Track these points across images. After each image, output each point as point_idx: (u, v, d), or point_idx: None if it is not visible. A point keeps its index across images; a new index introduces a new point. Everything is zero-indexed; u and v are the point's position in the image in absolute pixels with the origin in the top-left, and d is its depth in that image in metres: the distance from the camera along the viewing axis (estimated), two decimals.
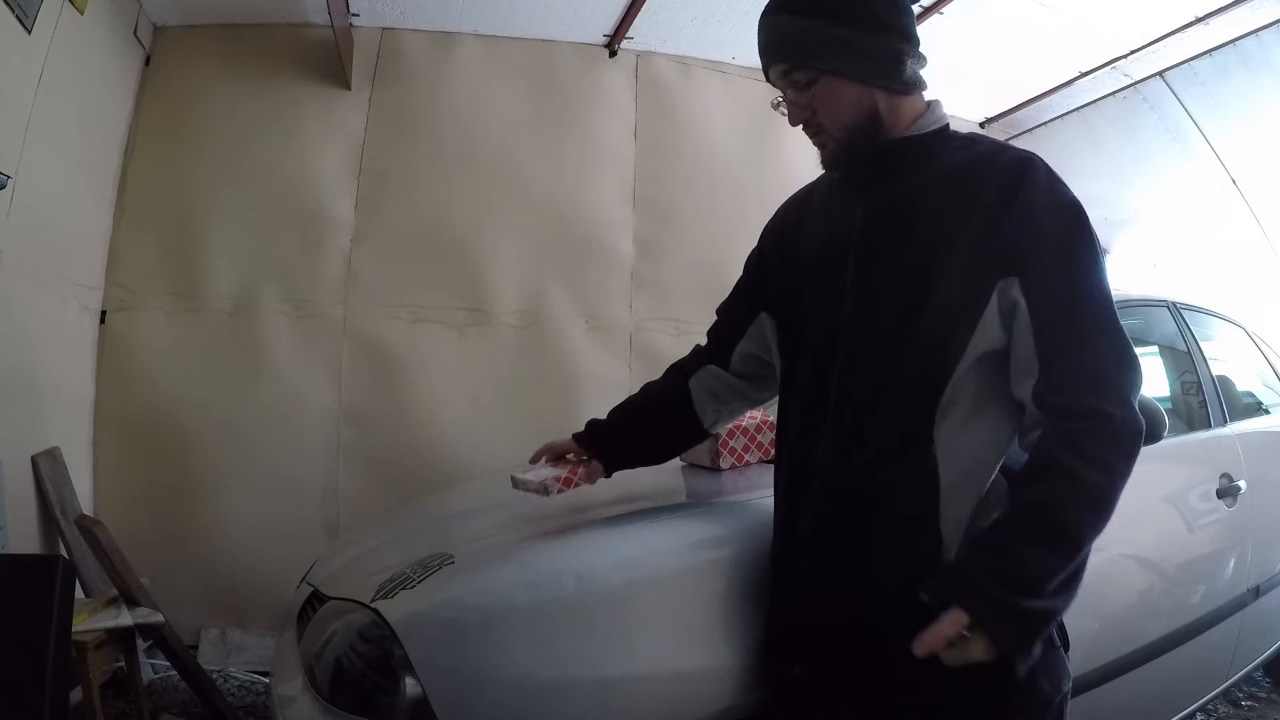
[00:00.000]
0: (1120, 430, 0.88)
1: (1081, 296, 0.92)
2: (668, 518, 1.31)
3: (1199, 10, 3.09)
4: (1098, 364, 0.90)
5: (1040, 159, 0.97)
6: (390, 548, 1.44)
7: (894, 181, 1.01)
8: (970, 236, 0.93)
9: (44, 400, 2.52)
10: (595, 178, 3.44)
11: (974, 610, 0.84)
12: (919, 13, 3.23)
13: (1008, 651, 0.84)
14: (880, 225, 1.00)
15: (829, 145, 1.02)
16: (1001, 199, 0.93)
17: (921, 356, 0.95)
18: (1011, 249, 0.91)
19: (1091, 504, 0.87)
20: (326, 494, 3.02)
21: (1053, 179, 0.95)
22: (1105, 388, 0.89)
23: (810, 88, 0.99)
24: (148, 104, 3.10)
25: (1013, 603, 0.84)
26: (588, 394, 3.26)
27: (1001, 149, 1.01)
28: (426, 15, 3.29)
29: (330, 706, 1.08)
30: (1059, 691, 0.95)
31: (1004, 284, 0.91)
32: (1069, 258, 0.92)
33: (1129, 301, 2.26)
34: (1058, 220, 0.93)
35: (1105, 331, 0.92)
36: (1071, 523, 0.86)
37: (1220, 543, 1.93)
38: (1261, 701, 2.61)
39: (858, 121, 0.99)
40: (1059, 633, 0.98)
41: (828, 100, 0.99)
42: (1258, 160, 3.69)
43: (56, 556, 2.04)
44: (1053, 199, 0.93)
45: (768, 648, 1.09)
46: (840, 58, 0.97)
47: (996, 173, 0.95)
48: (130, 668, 2.17)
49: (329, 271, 3.13)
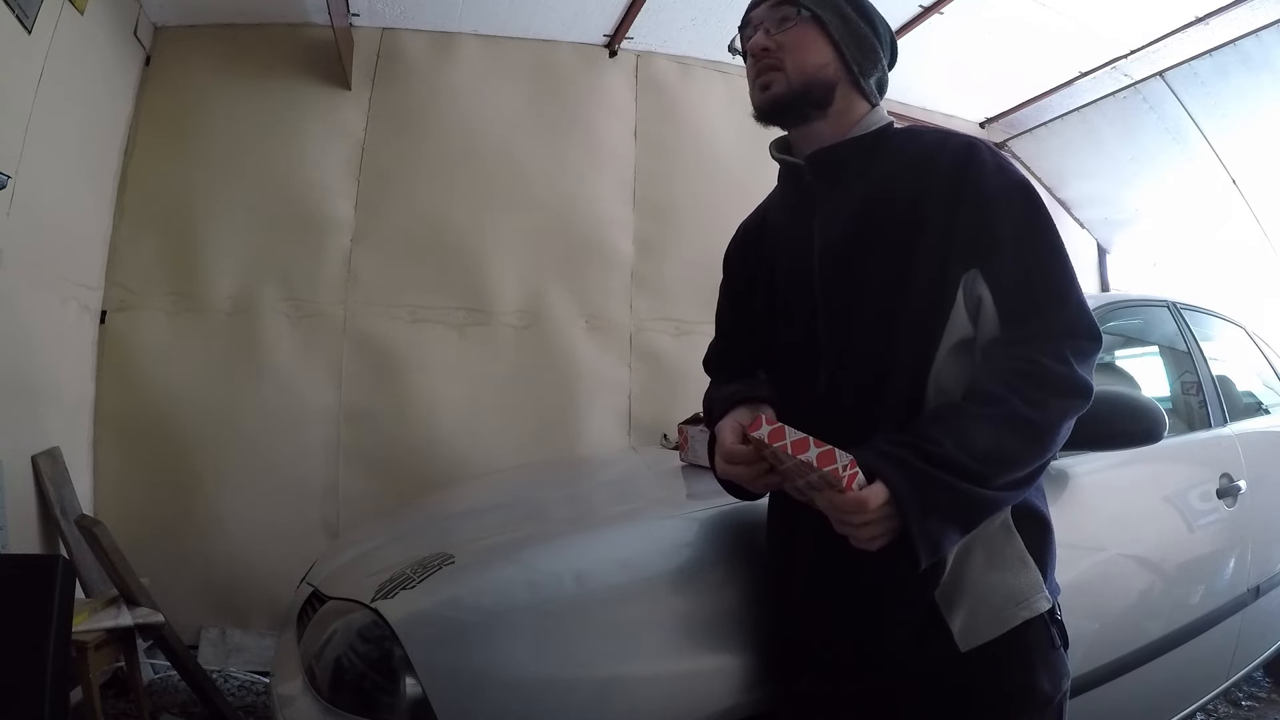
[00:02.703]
0: (1064, 383, 0.87)
1: (1041, 273, 0.92)
2: (668, 518, 1.31)
3: (1199, 10, 3.10)
4: (1057, 328, 0.90)
5: (984, 142, 0.99)
6: (390, 548, 1.44)
7: (845, 186, 1.02)
8: (928, 229, 0.94)
9: (44, 400, 2.52)
10: (595, 178, 3.44)
11: (889, 478, 0.81)
12: (919, 13, 3.23)
13: (906, 510, 0.80)
14: (839, 233, 1.00)
15: (777, 85, 1.02)
16: (953, 188, 0.94)
17: (902, 354, 0.95)
18: (969, 238, 0.93)
19: (1016, 430, 0.85)
20: (326, 494, 3.02)
21: (999, 160, 0.97)
22: (1059, 350, 0.88)
23: (788, 27, 1.01)
24: (148, 104, 3.11)
25: (921, 468, 0.82)
26: (588, 394, 3.27)
27: (946, 137, 1.02)
28: (426, 15, 3.29)
29: (330, 706, 1.08)
30: (1058, 690, 0.95)
31: (968, 277, 0.92)
32: (1026, 238, 0.93)
33: (1129, 301, 2.26)
34: (1011, 200, 0.94)
35: (1060, 300, 0.92)
36: (994, 440, 0.84)
37: (1220, 543, 1.93)
38: (1261, 701, 2.61)
39: (816, 79, 1.01)
40: (1059, 632, 0.97)
41: (801, 43, 1.01)
42: (1258, 160, 3.69)
43: (56, 556, 2.03)
44: (1002, 181, 0.95)
45: (775, 661, 1.08)
46: (834, 15, 1.02)
47: (944, 161, 0.96)
48: (130, 668, 2.17)
49: (329, 271, 3.13)
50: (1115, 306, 2.10)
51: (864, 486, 0.80)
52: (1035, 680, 0.93)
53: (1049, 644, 0.95)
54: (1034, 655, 0.94)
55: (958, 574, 0.94)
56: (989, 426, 0.84)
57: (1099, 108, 3.87)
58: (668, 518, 1.31)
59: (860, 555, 0.93)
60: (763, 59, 1.03)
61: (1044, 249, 0.93)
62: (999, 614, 0.93)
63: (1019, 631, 0.93)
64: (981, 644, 0.92)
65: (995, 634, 0.92)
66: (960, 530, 0.85)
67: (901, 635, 0.94)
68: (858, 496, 0.80)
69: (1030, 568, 0.95)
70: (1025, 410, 0.85)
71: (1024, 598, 0.93)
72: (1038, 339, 0.89)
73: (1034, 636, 0.94)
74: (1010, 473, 0.85)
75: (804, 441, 0.82)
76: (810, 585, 1.02)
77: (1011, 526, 0.96)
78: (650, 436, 3.22)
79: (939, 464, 0.82)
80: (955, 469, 0.82)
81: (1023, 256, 0.92)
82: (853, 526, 0.82)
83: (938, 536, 0.82)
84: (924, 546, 0.81)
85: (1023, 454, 0.85)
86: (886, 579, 0.94)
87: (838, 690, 0.99)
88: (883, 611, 0.95)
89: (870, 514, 0.80)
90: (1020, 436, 0.85)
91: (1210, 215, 4.06)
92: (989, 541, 0.95)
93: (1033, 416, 0.85)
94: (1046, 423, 0.86)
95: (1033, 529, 0.97)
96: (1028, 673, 0.93)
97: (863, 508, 0.80)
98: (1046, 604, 0.95)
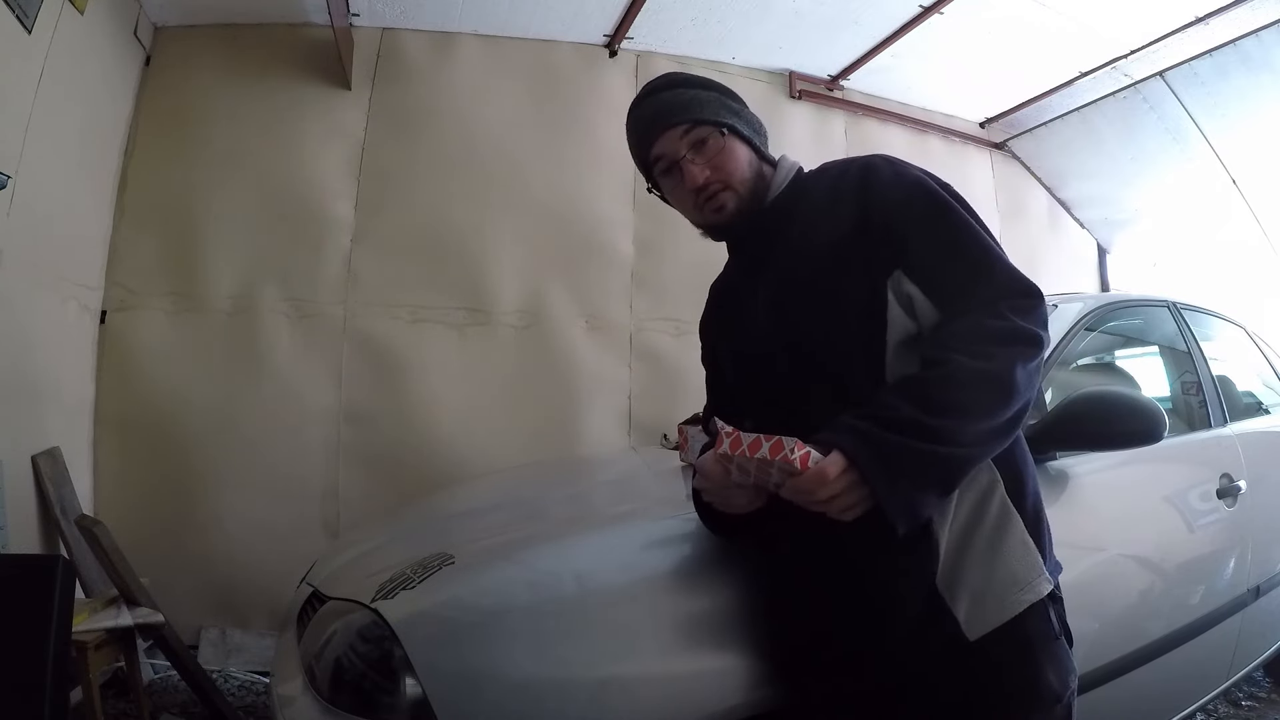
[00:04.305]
0: (1006, 334, 0.90)
1: (956, 252, 0.97)
2: (668, 518, 1.31)
3: (1199, 10, 3.10)
4: (990, 294, 0.94)
5: (883, 156, 1.07)
6: (390, 548, 1.44)
7: (780, 237, 1.09)
8: (850, 245, 1.00)
9: (44, 400, 2.52)
10: (595, 178, 3.44)
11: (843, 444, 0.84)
12: (919, 13, 3.24)
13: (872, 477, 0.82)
14: (781, 282, 1.06)
15: (730, 204, 1.08)
16: (859, 202, 1.02)
17: (855, 362, 0.98)
18: (883, 244, 0.98)
19: (968, 382, 0.87)
20: (326, 494, 3.02)
21: (895, 165, 1.05)
22: (996, 310, 0.92)
23: (709, 146, 1.07)
24: (148, 104, 3.10)
25: (878, 434, 0.84)
26: (588, 394, 3.27)
27: (849, 163, 1.10)
28: (426, 15, 3.29)
29: (330, 707, 1.08)
30: (1066, 688, 0.95)
31: (893, 279, 0.98)
32: (931, 226, 0.98)
33: (1129, 301, 2.26)
34: (910, 197, 1.00)
35: (986, 270, 0.96)
36: (947, 394, 0.86)
37: (1220, 543, 1.93)
38: (1261, 701, 2.61)
39: (755, 180, 1.10)
40: (1058, 615, 0.98)
41: (730, 157, 1.08)
42: (1258, 160, 3.69)
43: (56, 556, 2.04)
44: (899, 180, 1.02)
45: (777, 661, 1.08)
46: (739, 122, 1.11)
47: (849, 181, 1.05)
48: (130, 668, 2.17)
49: (329, 271, 3.13)
50: (1115, 306, 2.10)
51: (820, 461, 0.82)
52: (1041, 676, 0.93)
53: (1051, 634, 0.95)
54: (1038, 649, 0.94)
55: (959, 559, 0.94)
56: (940, 384, 0.87)
57: (1099, 108, 3.86)
58: (668, 518, 1.30)
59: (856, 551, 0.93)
60: (708, 187, 1.08)
61: (952, 231, 0.98)
62: (1003, 600, 0.93)
63: (1021, 621, 0.93)
64: (987, 632, 0.92)
65: (1001, 620, 0.93)
66: (938, 492, 0.87)
67: (904, 629, 0.94)
68: (816, 470, 0.82)
69: (1031, 550, 0.96)
70: (971, 363, 0.88)
71: (1027, 582, 0.95)
72: (975, 309, 0.93)
73: (1036, 626, 0.95)
74: (973, 424, 0.86)
75: (756, 441, 0.85)
76: (808, 584, 1.02)
77: (1010, 506, 0.97)
78: (650, 436, 3.22)
79: (896, 427, 0.84)
80: (913, 429, 0.84)
81: (934, 244, 0.97)
82: (822, 503, 0.83)
83: (911, 499, 0.84)
84: (898, 510, 0.83)
85: (980, 404, 0.87)
86: (885, 570, 0.94)
87: (840, 690, 0.99)
88: (884, 605, 0.95)
89: (832, 484, 0.82)
90: (974, 388, 0.87)
91: (1210, 215, 4.06)
92: (989, 524, 0.95)
93: (981, 367, 0.87)
94: (997, 371, 0.88)
95: (1029, 508, 0.98)
96: (1033, 668, 0.93)
97: (823, 479, 0.82)
98: (1048, 585, 0.96)
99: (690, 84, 1.12)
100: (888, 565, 0.94)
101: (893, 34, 3.42)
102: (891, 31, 3.41)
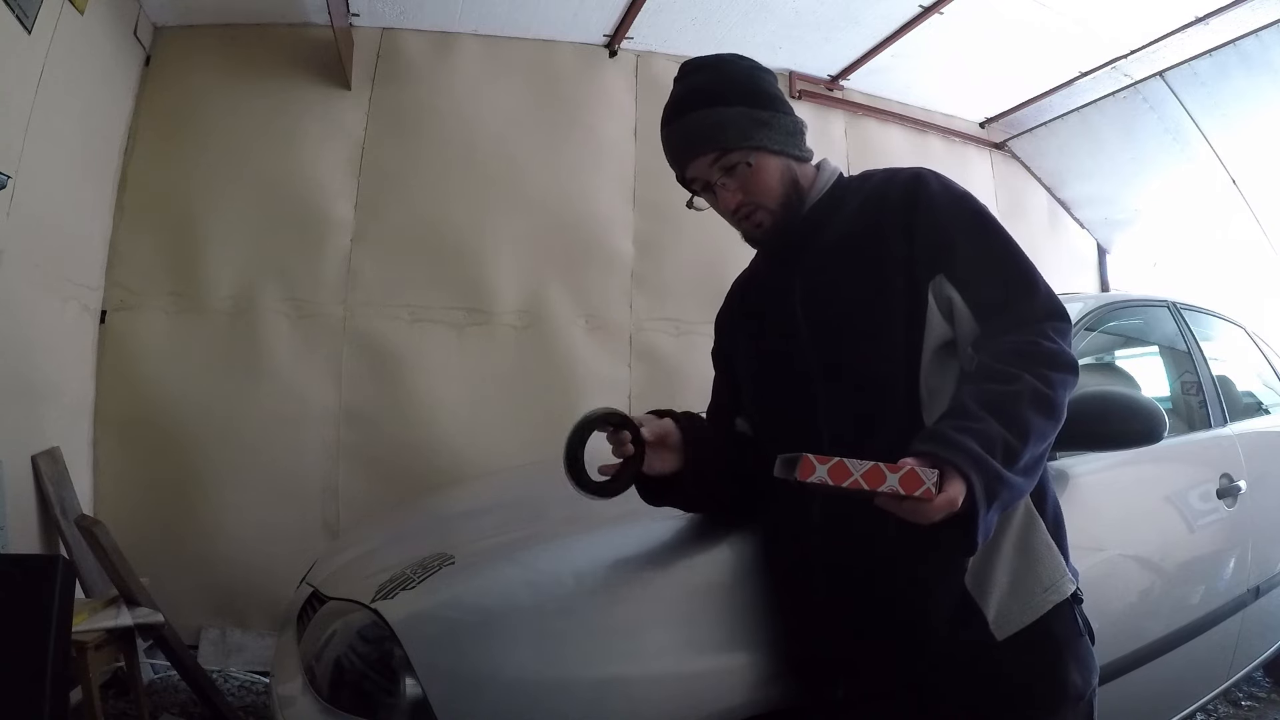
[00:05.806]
0: (1060, 359, 0.92)
1: (1001, 266, 1.00)
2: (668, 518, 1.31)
3: (1199, 10, 3.10)
4: (1029, 311, 0.96)
5: (929, 169, 1.08)
6: (390, 548, 1.44)
7: (816, 240, 1.09)
8: (893, 251, 1.02)
9: (44, 400, 2.52)
10: (595, 178, 3.44)
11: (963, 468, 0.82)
12: (919, 13, 3.24)
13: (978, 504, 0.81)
14: (819, 279, 1.07)
15: (766, 221, 1.08)
16: (906, 210, 1.03)
17: (891, 364, 0.99)
18: (929, 248, 1.00)
19: (1039, 407, 0.88)
20: (326, 494, 3.02)
21: (943, 181, 1.06)
22: (1037, 329, 0.94)
23: (738, 171, 1.06)
24: (148, 104, 3.11)
25: (992, 465, 0.83)
26: (588, 394, 3.26)
27: (894, 173, 1.10)
28: (426, 15, 3.29)
29: (330, 707, 1.08)
30: (1089, 686, 0.97)
31: (935, 283, 1.00)
32: (979, 237, 1.01)
33: (1129, 301, 2.26)
34: (960, 209, 1.03)
35: (1030, 288, 0.98)
36: (1027, 419, 0.86)
37: (1220, 543, 1.93)
38: (1261, 701, 2.61)
39: (787, 191, 1.09)
40: (1086, 627, 0.99)
41: (760, 176, 1.07)
42: (1258, 160, 3.69)
43: (56, 556, 2.03)
44: (949, 194, 1.04)
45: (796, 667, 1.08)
46: (767, 135, 1.07)
47: (895, 188, 1.06)
48: (130, 668, 2.17)
49: (329, 271, 3.13)
50: (1115, 306, 2.10)
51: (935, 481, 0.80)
52: (1067, 674, 0.95)
53: (1075, 632, 0.97)
54: (1063, 648, 0.96)
55: (988, 560, 0.95)
56: (1014, 402, 0.87)
57: (1099, 108, 3.86)
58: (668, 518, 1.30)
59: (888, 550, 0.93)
60: (742, 210, 1.08)
61: (998, 246, 1.01)
62: (1030, 600, 0.95)
63: (1047, 621, 0.95)
64: (1014, 632, 0.94)
65: (1029, 620, 0.94)
66: (998, 513, 0.87)
67: (937, 628, 0.95)
68: (946, 499, 0.80)
69: (1054, 551, 0.98)
70: (1040, 387, 0.88)
71: (1052, 583, 0.97)
72: (1024, 324, 0.94)
73: (1062, 625, 0.96)
74: (1035, 448, 0.87)
75: (876, 472, 0.79)
76: (828, 590, 1.02)
77: (1033, 510, 0.99)
78: None
79: (993, 449, 0.84)
80: (1004, 453, 0.84)
81: (980, 253, 0.99)
82: (923, 515, 0.81)
83: (991, 523, 0.85)
84: (984, 533, 0.84)
85: (1041, 430, 0.88)
86: (920, 570, 0.95)
87: (864, 690, 0.99)
88: (919, 604, 0.96)
89: (953, 510, 0.81)
90: (1042, 414, 0.88)
91: (1210, 215, 4.06)
92: (1015, 527, 0.97)
93: (1046, 392, 0.89)
94: (1058, 398, 0.90)
95: (1049, 511, 1.00)
96: (1059, 666, 0.95)
97: (951, 507, 0.80)
98: (1072, 585, 0.98)
99: (715, 99, 1.05)
100: (924, 565, 0.94)
101: (893, 34, 3.42)
102: (891, 31, 3.41)
